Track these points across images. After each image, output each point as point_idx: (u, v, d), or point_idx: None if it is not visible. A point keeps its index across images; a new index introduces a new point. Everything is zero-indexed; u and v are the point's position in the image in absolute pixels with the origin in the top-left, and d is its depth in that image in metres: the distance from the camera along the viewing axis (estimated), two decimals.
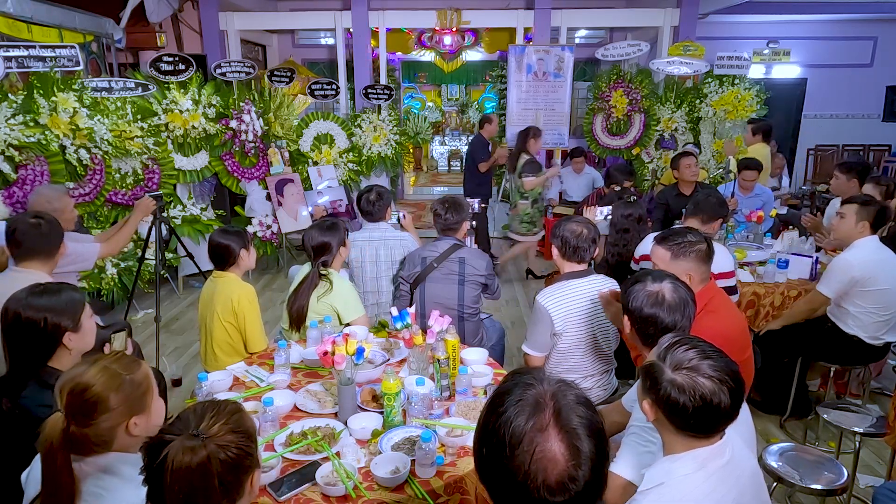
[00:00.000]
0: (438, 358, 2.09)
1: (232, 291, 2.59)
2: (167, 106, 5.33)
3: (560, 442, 0.93)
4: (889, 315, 2.97)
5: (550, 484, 0.92)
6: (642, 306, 1.77)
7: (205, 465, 1.08)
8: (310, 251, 2.74)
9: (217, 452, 1.10)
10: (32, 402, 1.69)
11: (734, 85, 6.46)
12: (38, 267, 2.51)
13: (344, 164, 6.53)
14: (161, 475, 1.07)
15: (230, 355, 2.61)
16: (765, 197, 4.63)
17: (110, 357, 1.40)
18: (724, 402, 1.24)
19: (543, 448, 0.92)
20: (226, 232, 2.68)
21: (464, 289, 2.90)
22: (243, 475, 1.16)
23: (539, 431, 0.93)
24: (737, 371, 1.28)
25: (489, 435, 0.97)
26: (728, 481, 1.31)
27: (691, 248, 2.19)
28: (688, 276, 2.15)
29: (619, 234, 3.54)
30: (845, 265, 2.92)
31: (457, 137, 13.34)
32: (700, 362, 1.27)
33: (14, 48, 4.14)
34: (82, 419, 1.31)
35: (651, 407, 1.33)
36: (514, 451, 0.93)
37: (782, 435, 3.24)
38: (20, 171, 3.96)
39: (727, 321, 2.16)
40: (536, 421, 0.94)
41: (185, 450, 1.08)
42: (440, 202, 3.00)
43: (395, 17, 7.54)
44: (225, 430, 1.13)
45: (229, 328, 2.61)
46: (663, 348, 1.33)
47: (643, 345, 1.82)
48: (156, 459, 1.08)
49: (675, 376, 1.27)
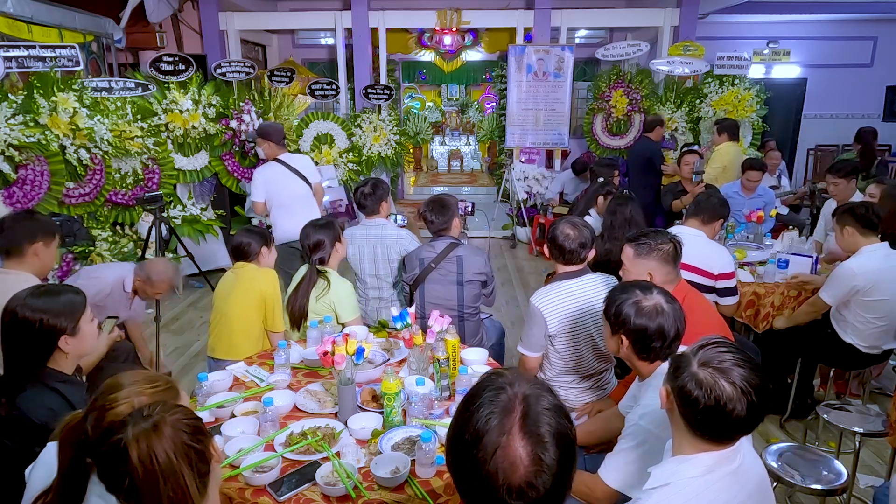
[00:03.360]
0: (438, 358, 2.09)
1: (255, 277, 2.73)
2: (167, 106, 5.33)
3: (523, 447, 0.93)
4: (886, 325, 2.94)
5: (511, 486, 0.92)
6: (647, 323, 1.72)
7: (171, 436, 1.07)
8: (305, 250, 2.76)
9: (177, 420, 1.10)
10: (31, 403, 1.68)
11: (734, 85, 6.46)
12: (13, 266, 2.44)
13: (344, 164, 6.53)
14: (127, 471, 1.04)
15: (251, 342, 2.71)
16: (766, 197, 4.63)
17: (154, 387, 1.30)
18: (738, 412, 1.22)
19: (506, 450, 0.92)
20: (249, 231, 2.85)
21: (463, 289, 2.90)
22: (206, 437, 1.15)
23: (503, 434, 0.93)
24: (766, 390, 1.25)
25: (459, 430, 0.98)
26: (734, 487, 1.30)
27: (654, 247, 2.27)
28: (649, 275, 2.23)
29: (610, 231, 3.46)
30: (849, 273, 2.89)
31: (457, 137, 13.35)
32: (732, 367, 1.25)
33: (14, 48, 4.14)
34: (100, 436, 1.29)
35: (667, 394, 1.33)
36: (478, 449, 0.93)
37: (782, 435, 3.24)
38: (20, 171, 3.96)
39: (703, 319, 2.19)
40: (503, 423, 0.94)
41: (144, 432, 1.06)
42: (426, 205, 2.99)
43: (395, 17, 7.54)
44: (167, 408, 1.12)
45: (252, 314, 2.70)
46: (699, 345, 1.32)
47: (639, 360, 1.79)
48: (115, 461, 1.05)
49: (699, 371, 1.26)
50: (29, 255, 2.48)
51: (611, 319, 1.81)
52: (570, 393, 2.50)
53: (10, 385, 1.72)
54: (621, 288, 1.86)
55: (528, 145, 7.37)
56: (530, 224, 7.08)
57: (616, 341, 1.81)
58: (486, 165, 12.60)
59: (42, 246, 2.51)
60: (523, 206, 7.14)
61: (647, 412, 1.65)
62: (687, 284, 2.37)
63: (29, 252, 2.48)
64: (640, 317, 1.73)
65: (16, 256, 2.47)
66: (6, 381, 1.74)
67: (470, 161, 13.27)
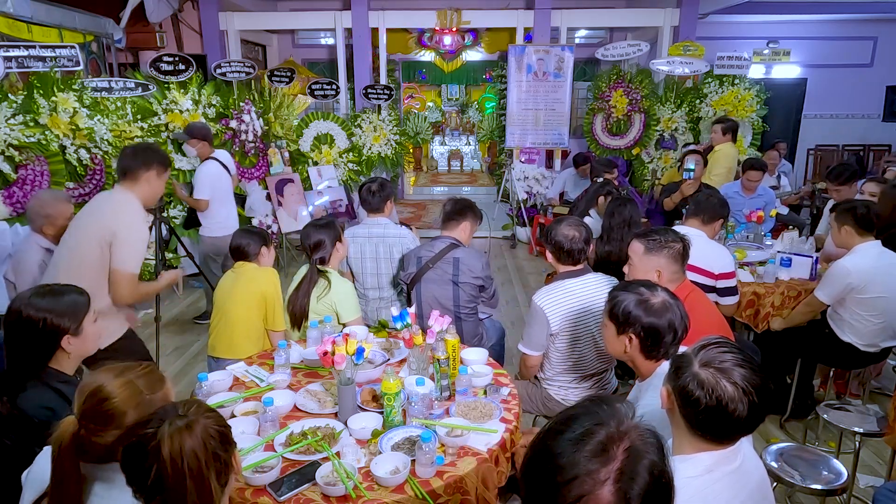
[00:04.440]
0: (438, 358, 2.09)
1: (255, 276, 2.73)
2: (167, 106, 5.33)
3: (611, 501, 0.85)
4: (883, 322, 2.95)
5: None
6: (657, 321, 1.72)
7: (203, 438, 1.12)
8: (306, 249, 2.78)
9: (209, 425, 1.14)
10: (32, 402, 1.68)
11: (734, 85, 6.46)
12: (127, 188, 2.65)
13: (344, 164, 6.53)
14: (157, 465, 1.07)
15: (252, 341, 2.71)
16: (766, 197, 4.63)
17: (138, 370, 1.38)
18: (739, 412, 1.22)
19: (589, 500, 0.85)
20: (248, 231, 2.85)
21: (459, 288, 2.90)
22: (231, 447, 1.19)
23: (595, 484, 0.85)
24: (767, 390, 1.25)
25: (543, 455, 0.91)
26: (734, 487, 1.30)
27: (665, 245, 2.25)
28: (657, 273, 2.22)
29: (609, 233, 3.46)
30: (843, 271, 2.91)
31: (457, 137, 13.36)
32: (733, 367, 1.25)
33: (14, 48, 4.14)
34: (94, 427, 1.30)
35: (668, 394, 1.33)
36: (564, 487, 0.86)
37: (782, 435, 3.24)
38: (20, 171, 3.96)
39: (704, 318, 2.19)
40: (599, 472, 0.86)
41: (178, 430, 1.10)
42: (453, 202, 3.09)
43: (395, 17, 7.54)
44: (201, 411, 1.17)
45: (253, 313, 2.69)
46: (700, 345, 1.32)
47: (645, 360, 1.78)
48: (144, 454, 1.08)
49: (701, 371, 1.26)
50: (142, 181, 2.65)
51: (618, 319, 1.78)
52: (570, 392, 2.50)
53: (12, 384, 1.73)
54: (625, 287, 1.83)
55: (528, 145, 7.37)
56: (530, 224, 7.08)
57: (622, 342, 1.79)
58: (486, 165, 12.61)
59: (155, 175, 2.69)
60: (523, 206, 7.14)
61: (647, 412, 1.65)
62: (689, 283, 2.37)
63: (142, 178, 2.65)
64: (649, 315, 1.72)
65: (130, 179, 2.63)
66: (8, 380, 1.75)
67: (470, 161, 13.28)
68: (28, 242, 3.08)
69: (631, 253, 2.35)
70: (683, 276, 2.35)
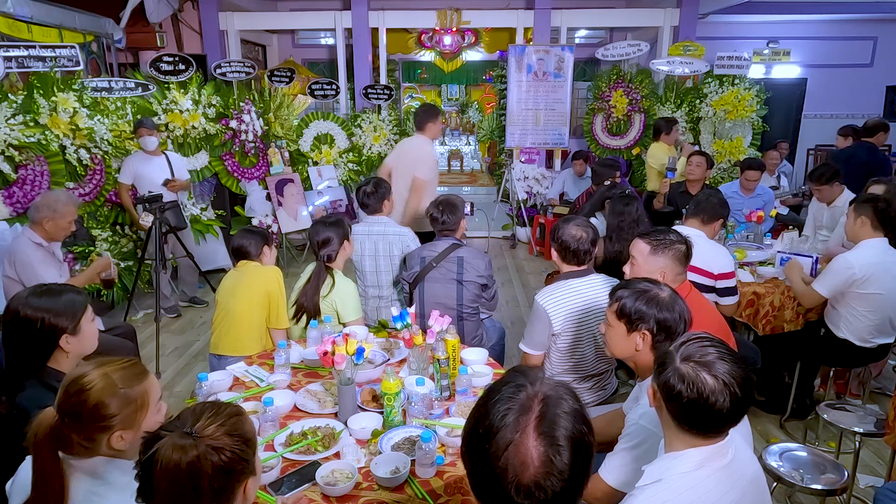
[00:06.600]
0: (438, 358, 2.09)
1: (260, 274, 2.73)
2: (167, 106, 5.33)
3: (536, 448, 0.93)
4: (878, 319, 2.96)
5: (519, 484, 0.92)
6: (668, 314, 1.71)
7: (194, 465, 1.05)
8: (314, 245, 2.78)
9: (209, 454, 1.06)
10: (31, 402, 1.68)
11: (734, 85, 6.46)
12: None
13: (344, 164, 6.53)
14: (150, 471, 1.05)
15: (255, 339, 2.71)
16: (766, 197, 4.63)
17: (118, 364, 1.37)
18: (720, 405, 1.23)
19: (518, 448, 0.92)
20: (249, 231, 2.86)
21: (462, 287, 2.90)
22: (236, 481, 1.11)
23: (517, 431, 0.93)
24: (750, 381, 1.26)
25: (475, 423, 0.99)
26: (727, 482, 1.30)
27: (671, 246, 2.24)
28: (661, 274, 2.20)
29: (618, 232, 3.46)
30: (845, 265, 2.91)
31: (457, 137, 13.36)
32: (714, 360, 1.26)
33: (14, 48, 4.14)
34: (71, 419, 1.30)
35: (654, 392, 1.34)
36: (491, 444, 0.94)
37: (782, 435, 3.24)
38: (20, 171, 3.96)
39: (704, 318, 2.18)
40: (518, 420, 0.94)
41: (175, 447, 1.05)
42: (434, 205, 3.01)
43: (395, 17, 7.53)
44: (221, 433, 1.09)
45: (256, 311, 2.69)
46: (680, 341, 1.33)
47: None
48: (147, 458, 1.06)
49: (682, 366, 1.27)
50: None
51: (629, 317, 1.75)
52: None
53: (11, 383, 1.73)
54: (627, 286, 1.82)
55: (528, 145, 7.37)
56: (530, 224, 7.08)
57: (633, 340, 1.76)
58: (486, 165, 12.61)
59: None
60: (523, 206, 7.14)
61: (647, 411, 1.65)
62: (689, 283, 2.37)
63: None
64: (662, 310, 1.72)
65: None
66: (6, 380, 1.75)
67: (470, 161, 13.28)
68: (21, 239, 3.13)
69: (635, 252, 2.31)
70: (685, 279, 2.35)
